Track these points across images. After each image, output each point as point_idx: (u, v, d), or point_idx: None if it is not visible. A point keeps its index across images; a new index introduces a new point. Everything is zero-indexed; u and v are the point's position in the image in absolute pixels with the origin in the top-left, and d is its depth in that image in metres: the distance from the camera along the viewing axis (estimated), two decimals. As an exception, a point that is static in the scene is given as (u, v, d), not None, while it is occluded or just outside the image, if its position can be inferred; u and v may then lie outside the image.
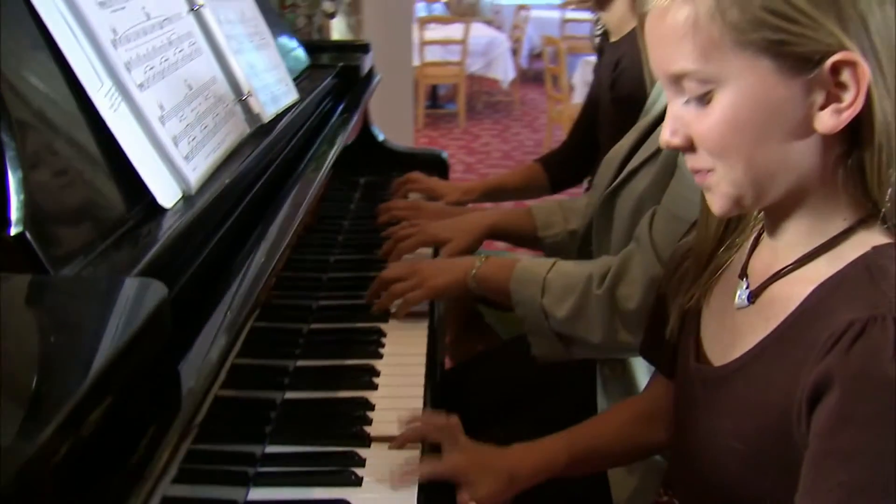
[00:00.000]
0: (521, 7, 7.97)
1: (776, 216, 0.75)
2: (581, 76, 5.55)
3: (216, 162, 0.96)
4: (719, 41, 0.67)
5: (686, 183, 1.02)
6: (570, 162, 1.85)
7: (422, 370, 1.12)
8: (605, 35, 1.68)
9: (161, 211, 0.82)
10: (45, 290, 0.61)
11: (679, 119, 0.73)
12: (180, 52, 0.99)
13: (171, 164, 0.86)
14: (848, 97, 0.65)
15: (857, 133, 0.67)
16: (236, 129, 1.06)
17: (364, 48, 1.88)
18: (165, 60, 0.94)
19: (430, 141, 6.10)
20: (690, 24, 0.68)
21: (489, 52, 6.62)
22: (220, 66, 1.09)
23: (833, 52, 0.64)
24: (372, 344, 1.18)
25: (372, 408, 1.03)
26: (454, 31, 6.29)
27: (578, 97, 5.47)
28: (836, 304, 0.67)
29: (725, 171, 0.71)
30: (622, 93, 1.48)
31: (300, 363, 1.12)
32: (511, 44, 7.06)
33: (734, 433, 0.76)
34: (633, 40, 1.48)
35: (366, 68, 1.77)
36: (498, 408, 1.28)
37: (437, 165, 1.97)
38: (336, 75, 1.63)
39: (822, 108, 0.66)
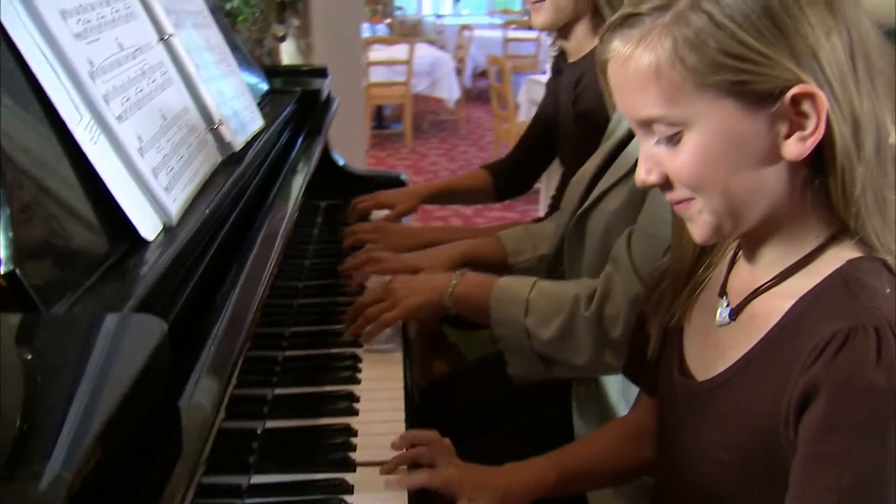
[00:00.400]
0: (465, 27, 8.06)
1: (753, 238, 0.78)
2: (526, 94, 5.63)
3: (193, 192, 0.95)
4: (682, 85, 0.70)
5: (662, 204, 1.05)
6: (516, 173, 1.89)
7: (401, 393, 1.12)
8: (561, 54, 1.72)
9: (143, 244, 0.81)
10: (42, 330, 0.60)
11: (652, 158, 0.75)
12: (153, 82, 0.98)
13: (151, 196, 0.85)
14: (810, 125, 0.68)
15: (821, 157, 0.70)
16: (209, 159, 1.06)
17: (322, 72, 1.88)
18: (140, 91, 0.93)
19: (378, 161, 6.10)
20: (653, 71, 0.70)
21: (434, 71, 6.67)
22: (191, 95, 1.09)
23: (791, 86, 0.68)
24: (349, 369, 1.18)
25: (354, 433, 1.02)
26: (399, 51, 6.33)
27: (524, 115, 5.54)
28: (818, 316, 0.70)
29: (704, 201, 0.73)
30: (585, 108, 1.51)
31: (278, 391, 1.11)
32: (455, 63, 7.12)
33: (722, 444, 0.79)
34: (594, 59, 1.51)
35: (325, 93, 1.78)
36: (472, 427, 1.28)
37: (396, 187, 1.98)
38: (297, 101, 1.62)
39: (787, 136, 0.70)
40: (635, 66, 0.71)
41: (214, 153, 1.08)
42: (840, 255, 0.73)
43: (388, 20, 8.84)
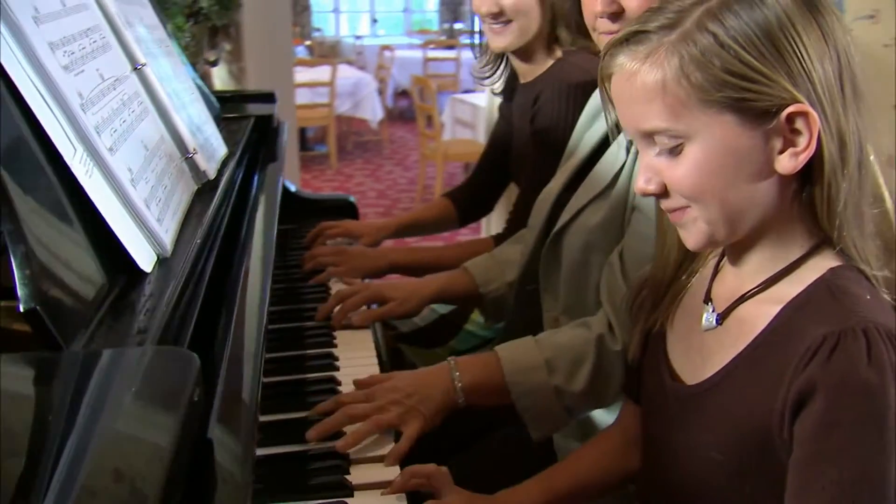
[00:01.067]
0: (385, 47, 8.11)
1: (741, 246, 0.83)
2: (451, 113, 5.71)
3: (180, 222, 0.95)
4: (686, 101, 0.74)
5: (649, 223, 1.07)
6: (477, 198, 1.93)
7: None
8: (513, 76, 1.77)
9: (141, 276, 0.80)
10: (75, 367, 0.59)
11: (652, 168, 0.80)
12: (133, 112, 0.97)
13: (145, 227, 0.85)
14: (802, 142, 0.74)
15: (809, 172, 0.76)
16: (188, 188, 1.05)
17: (269, 97, 1.88)
18: (123, 122, 0.92)
19: (305, 184, 6.05)
20: (659, 87, 0.75)
21: (357, 92, 6.69)
22: (165, 125, 1.08)
23: (787, 105, 0.73)
24: (327, 392, 1.18)
25: (346, 456, 1.03)
26: (321, 73, 6.31)
27: (449, 134, 5.61)
28: (806, 321, 0.76)
29: (700, 211, 0.78)
30: (542, 125, 1.55)
31: (262, 419, 1.11)
32: (377, 84, 7.15)
33: (714, 445, 0.83)
34: (550, 77, 1.57)
35: (276, 118, 1.78)
36: (451, 444, 1.30)
37: (346, 209, 1.99)
38: (252, 127, 1.62)
39: (781, 152, 0.75)
40: (642, 81, 0.76)
41: (191, 182, 1.08)
42: (822, 264, 0.79)
43: (308, 42, 8.81)
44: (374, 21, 10.42)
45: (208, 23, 2.83)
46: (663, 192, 0.80)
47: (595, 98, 1.38)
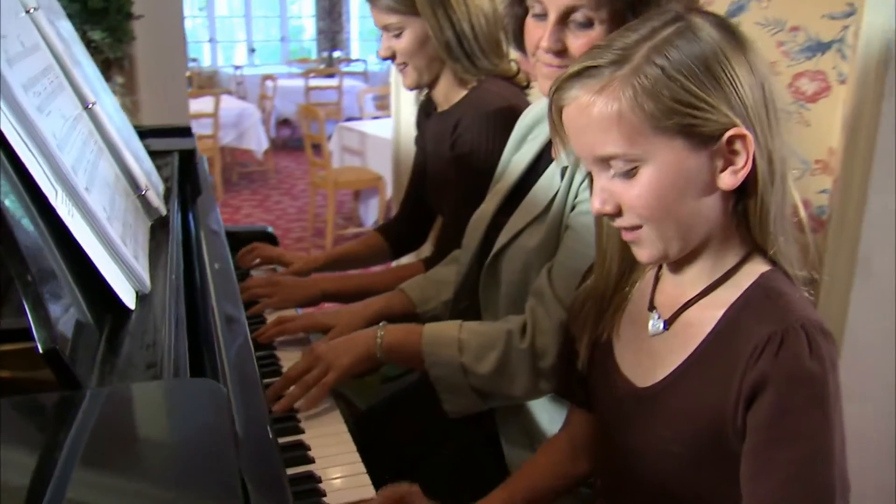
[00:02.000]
0: (267, 77, 8.04)
1: (684, 257, 0.92)
2: (338, 142, 5.74)
3: (147, 258, 0.95)
4: (640, 128, 0.83)
5: (580, 239, 1.18)
6: (408, 230, 1.97)
7: (347, 437, 1.16)
8: (426, 105, 1.84)
9: (126, 312, 0.81)
10: (110, 404, 0.61)
11: (607, 191, 0.88)
12: (92, 152, 0.98)
13: (124, 265, 0.85)
14: (741, 161, 0.84)
15: (743, 187, 0.86)
16: (144, 224, 1.05)
17: (187, 132, 1.87)
18: (88, 161, 0.93)
19: (191, 216, 5.91)
20: (615, 116, 0.84)
21: (240, 123, 6.60)
22: (116, 162, 1.08)
23: (728, 129, 0.83)
24: (290, 419, 1.20)
25: (319, 479, 1.05)
26: (204, 104, 6.19)
27: (337, 162, 5.63)
28: (749, 322, 0.85)
29: (654, 228, 0.87)
30: (463, 151, 1.62)
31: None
32: (261, 114, 7.08)
33: (672, 439, 0.92)
34: (468, 104, 1.64)
35: (198, 152, 1.77)
36: (405, 459, 1.33)
37: (266, 240, 2.00)
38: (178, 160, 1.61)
39: (723, 170, 0.85)
40: (598, 112, 0.84)
41: (145, 218, 1.08)
42: (754, 270, 0.89)
43: (187, 73, 8.59)
44: (252, 50, 10.30)
45: (101, 56, 2.77)
46: (618, 212, 0.88)
47: (521, 123, 1.46)
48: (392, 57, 1.67)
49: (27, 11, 0.97)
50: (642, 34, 0.85)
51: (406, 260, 2.28)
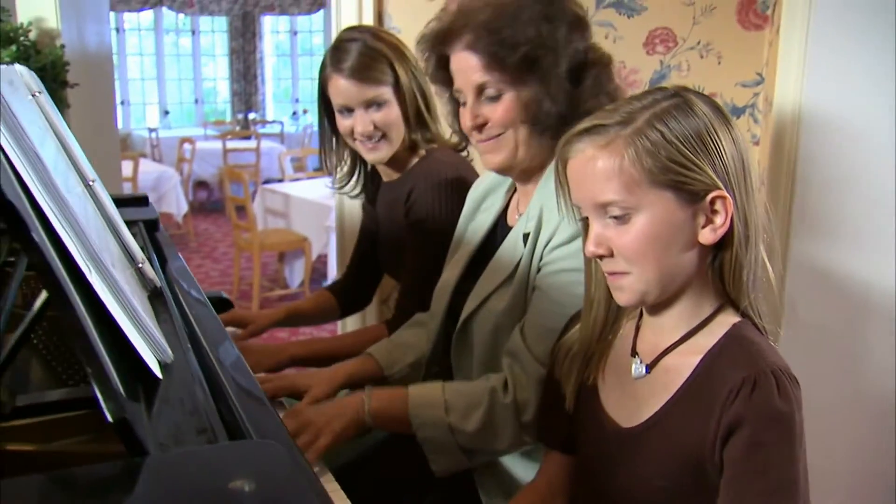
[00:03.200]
0: (185, 140, 7.98)
1: (661, 306, 1.03)
2: (261, 203, 5.72)
3: (159, 328, 0.99)
4: (639, 180, 0.95)
5: (548, 299, 1.27)
6: (356, 291, 2.03)
7: (342, 493, 1.19)
8: (372, 176, 1.92)
9: (155, 381, 0.84)
10: (181, 469, 0.64)
11: (601, 235, 0.99)
12: (104, 227, 1.01)
13: (148, 336, 0.89)
14: (720, 220, 0.96)
15: (721, 244, 0.98)
16: (145, 297, 1.08)
17: (144, 201, 1.88)
18: (99, 237, 0.96)
19: (110, 282, 5.75)
20: (618, 168, 0.95)
21: (159, 186, 6.53)
22: (114, 236, 1.11)
23: (711, 189, 0.95)
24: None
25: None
26: (123, 168, 6.10)
27: (261, 224, 5.60)
28: (724, 367, 0.96)
29: (638, 273, 0.97)
30: (420, 216, 1.70)
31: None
32: (179, 176, 7.01)
33: (657, 474, 1.00)
34: (420, 173, 1.73)
35: (159, 222, 1.79)
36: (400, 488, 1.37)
37: (222, 305, 2.02)
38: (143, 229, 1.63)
39: (704, 226, 0.97)
40: (602, 163, 0.96)
41: (143, 291, 1.11)
42: (727, 320, 1.00)
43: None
44: (166, 113, 10.20)
45: (37, 125, 2.74)
46: (610, 255, 0.99)
47: (473, 194, 1.57)
48: (371, 134, 1.70)
49: (33, 95, 1.01)
50: (645, 104, 0.97)
51: (352, 320, 2.34)
